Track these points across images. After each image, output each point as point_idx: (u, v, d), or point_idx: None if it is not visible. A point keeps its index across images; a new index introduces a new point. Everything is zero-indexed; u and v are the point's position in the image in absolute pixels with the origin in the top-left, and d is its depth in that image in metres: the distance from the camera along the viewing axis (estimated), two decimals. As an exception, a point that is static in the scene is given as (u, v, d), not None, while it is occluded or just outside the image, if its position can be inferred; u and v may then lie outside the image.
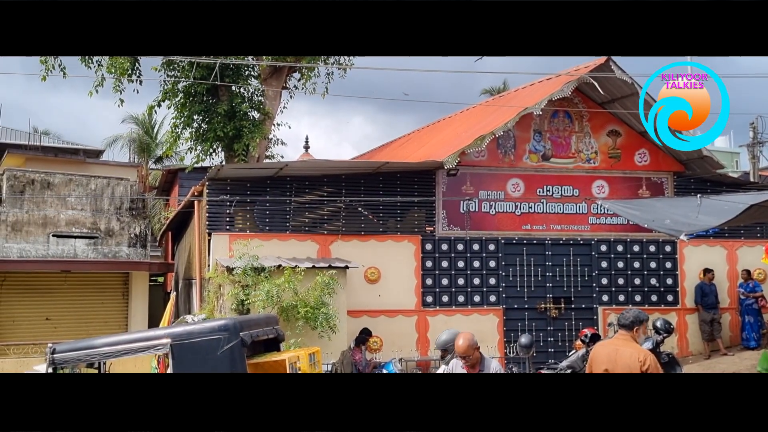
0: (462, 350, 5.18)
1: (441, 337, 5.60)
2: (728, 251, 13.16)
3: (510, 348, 11.99)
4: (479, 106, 16.24)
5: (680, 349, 12.61)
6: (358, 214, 11.82)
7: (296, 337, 9.46)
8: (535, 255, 12.51)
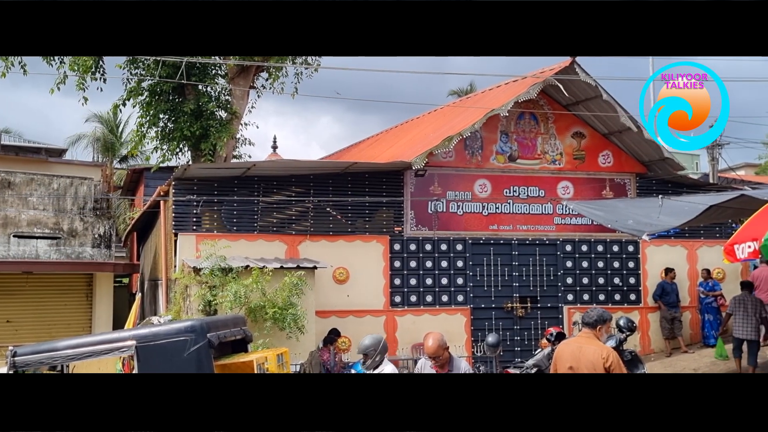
0: (432, 351, 5.21)
1: (364, 342, 5.61)
2: (689, 251, 13.49)
3: (477, 347, 12.10)
4: (447, 107, 16.36)
5: (642, 346, 12.88)
6: (326, 215, 11.81)
7: (264, 337, 9.42)
8: (502, 255, 12.66)
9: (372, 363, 5.43)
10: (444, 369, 5.22)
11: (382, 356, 5.48)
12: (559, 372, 5.39)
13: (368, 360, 5.45)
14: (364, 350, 5.52)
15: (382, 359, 5.47)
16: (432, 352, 5.20)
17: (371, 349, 5.48)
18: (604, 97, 12.22)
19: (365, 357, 5.49)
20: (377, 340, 5.55)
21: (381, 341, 5.55)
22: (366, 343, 5.55)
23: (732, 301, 10.68)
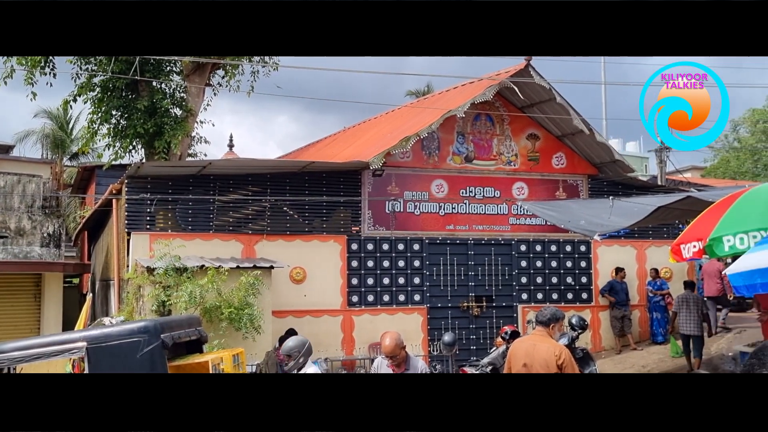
0: (389, 350, 5.24)
1: (288, 343, 5.61)
2: (638, 251, 13.87)
3: (434, 346, 12.21)
4: (404, 107, 16.45)
5: (594, 344, 13.18)
6: (283, 214, 11.75)
7: (220, 338, 9.31)
8: (458, 255, 12.79)
9: (295, 365, 5.41)
10: (401, 368, 5.22)
11: (305, 358, 5.45)
12: (513, 369, 5.49)
13: (291, 361, 5.42)
14: (287, 352, 5.47)
15: (305, 361, 5.45)
16: (389, 351, 5.22)
17: (295, 351, 5.46)
18: (557, 100, 12.47)
19: (288, 358, 5.45)
20: (301, 343, 5.54)
21: (305, 344, 5.54)
22: (290, 344, 5.53)
23: (676, 300, 11.30)
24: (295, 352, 5.47)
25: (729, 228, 6.19)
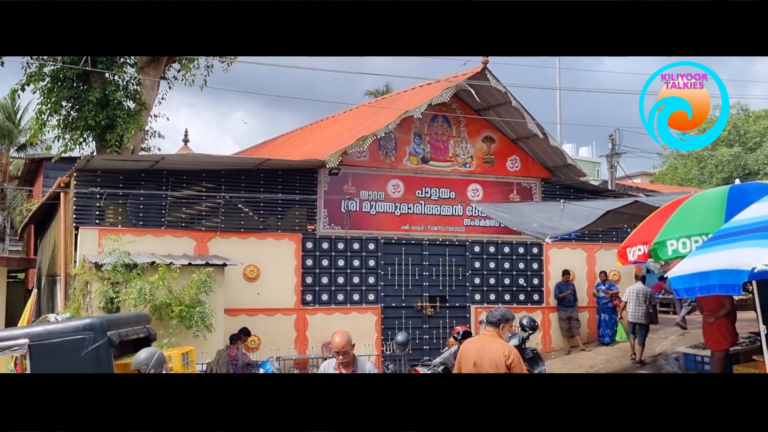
0: (340, 345, 5.10)
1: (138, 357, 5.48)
2: (588, 254, 14.19)
3: (387, 345, 12.25)
4: (362, 107, 16.47)
5: (544, 345, 13.43)
6: (238, 211, 11.62)
7: (170, 336, 9.16)
8: (413, 255, 12.87)
9: None
10: (348, 368, 5.12)
11: (155, 371, 5.24)
12: (463, 369, 5.55)
13: None
14: (136, 366, 5.27)
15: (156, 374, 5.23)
16: (341, 346, 5.09)
17: (143, 365, 5.26)
18: (513, 104, 12.67)
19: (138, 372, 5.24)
20: (150, 355, 5.33)
21: (155, 355, 5.32)
22: (140, 358, 5.31)
23: (627, 291, 12.04)
24: (143, 365, 5.24)
25: (672, 232, 6.39)
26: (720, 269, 3.97)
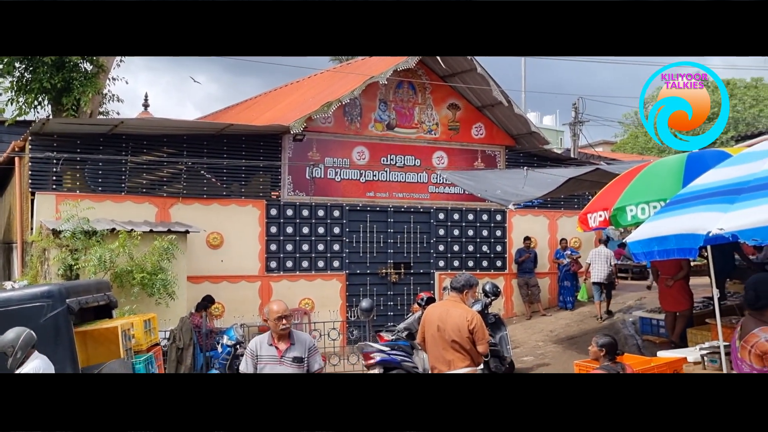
0: (283, 308, 4.66)
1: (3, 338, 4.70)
2: (550, 221, 14.40)
3: (352, 312, 12.32)
4: (327, 72, 16.25)
5: (506, 310, 13.67)
6: (200, 177, 11.45)
7: (131, 304, 9.07)
8: (378, 222, 12.90)
9: (14, 361, 4.65)
10: (285, 342, 4.66)
11: (23, 352, 4.67)
12: (427, 334, 5.63)
13: (9, 358, 4.65)
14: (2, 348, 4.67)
15: (24, 355, 4.69)
16: (284, 309, 4.65)
17: (9, 347, 4.65)
18: (478, 71, 12.65)
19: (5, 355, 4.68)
20: (17, 335, 4.69)
21: (21, 336, 4.70)
22: (5, 339, 4.69)
23: (591, 253, 12.67)
24: (9, 348, 4.65)
25: (632, 198, 6.52)
26: (677, 234, 4.07)
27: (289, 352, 4.63)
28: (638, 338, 10.27)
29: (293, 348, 4.65)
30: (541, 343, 11.29)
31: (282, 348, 4.64)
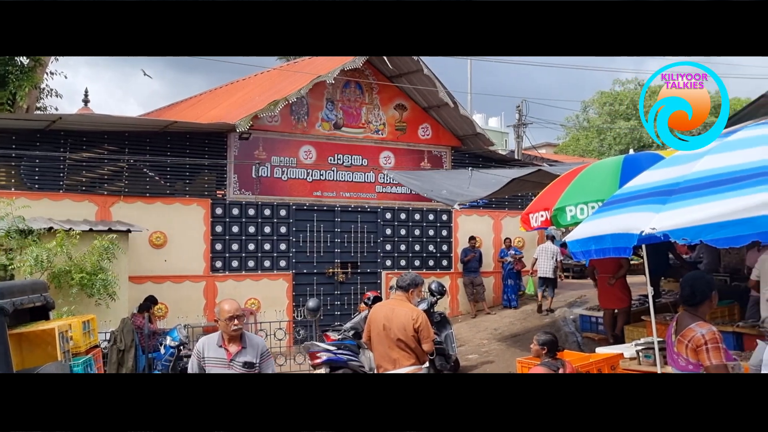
0: (235, 307, 4.42)
1: None
2: (494, 221, 14.66)
3: (298, 312, 12.27)
4: (274, 70, 16.12)
5: (452, 309, 13.85)
6: (143, 175, 11.21)
7: (70, 305, 8.81)
8: (325, 221, 12.88)
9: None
10: (238, 343, 4.41)
11: None
12: (373, 333, 5.66)
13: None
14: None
15: None
16: (236, 308, 4.41)
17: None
18: (425, 72, 12.77)
19: None
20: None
21: None
22: None
23: (537, 249, 13.32)
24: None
25: (571, 199, 6.72)
26: (613, 233, 4.21)
27: (239, 356, 4.37)
28: (578, 335, 10.57)
29: (244, 352, 4.38)
30: (486, 341, 11.49)
31: (232, 351, 4.37)
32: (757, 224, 3.41)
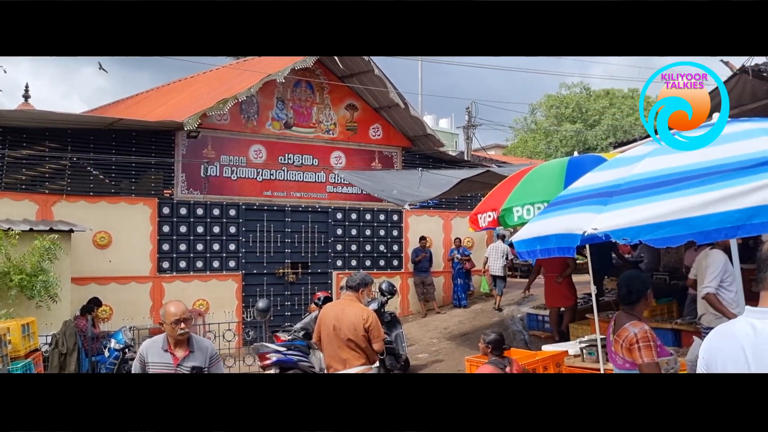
0: (182, 310, 4.21)
1: None
2: (444, 221, 14.82)
3: (248, 313, 12.15)
4: (223, 68, 15.91)
5: (402, 309, 13.94)
6: (86, 174, 10.91)
7: (8, 307, 8.51)
8: (275, 221, 12.79)
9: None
10: (184, 349, 4.19)
11: None
12: (323, 333, 5.65)
13: None
14: None
15: None
16: (182, 311, 4.19)
17: None
18: (375, 72, 12.82)
19: None
20: None
21: None
22: None
23: (489, 248, 13.81)
24: None
25: (518, 200, 6.85)
26: (557, 233, 4.31)
27: (187, 361, 4.18)
28: (525, 333, 10.79)
29: (192, 356, 4.18)
30: (436, 340, 11.61)
31: (179, 355, 4.16)
32: (692, 225, 3.54)
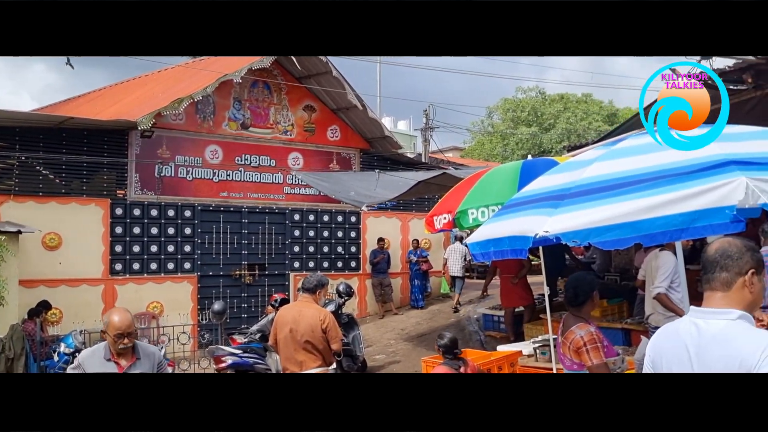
0: (126, 323, 3.88)
1: None
2: (402, 222, 14.90)
3: (203, 315, 12.00)
4: (179, 67, 15.68)
5: (360, 310, 13.95)
6: (35, 173, 10.62)
7: (-49, 311, 8.24)
8: (232, 222, 12.66)
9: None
10: (129, 357, 3.93)
11: None
12: (280, 335, 5.63)
13: None
14: None
15: None
16: (127, 325, 3.87)
17: None
18: (333, 74, 12.82)
19: None
20: None
21: None
22: None
23: (447, 249, 14.20)
24: None
25: (473, 202, 6.95)
26: (511, 235, 4.39)
27: (133, 369, 3.95)
28: (481, 334, 10.92)
29: (138, 364, 3.95)
30: (393, 341, 11.67)
31: (124, 364, 3.91)
32: (638, 228, 3.66)
